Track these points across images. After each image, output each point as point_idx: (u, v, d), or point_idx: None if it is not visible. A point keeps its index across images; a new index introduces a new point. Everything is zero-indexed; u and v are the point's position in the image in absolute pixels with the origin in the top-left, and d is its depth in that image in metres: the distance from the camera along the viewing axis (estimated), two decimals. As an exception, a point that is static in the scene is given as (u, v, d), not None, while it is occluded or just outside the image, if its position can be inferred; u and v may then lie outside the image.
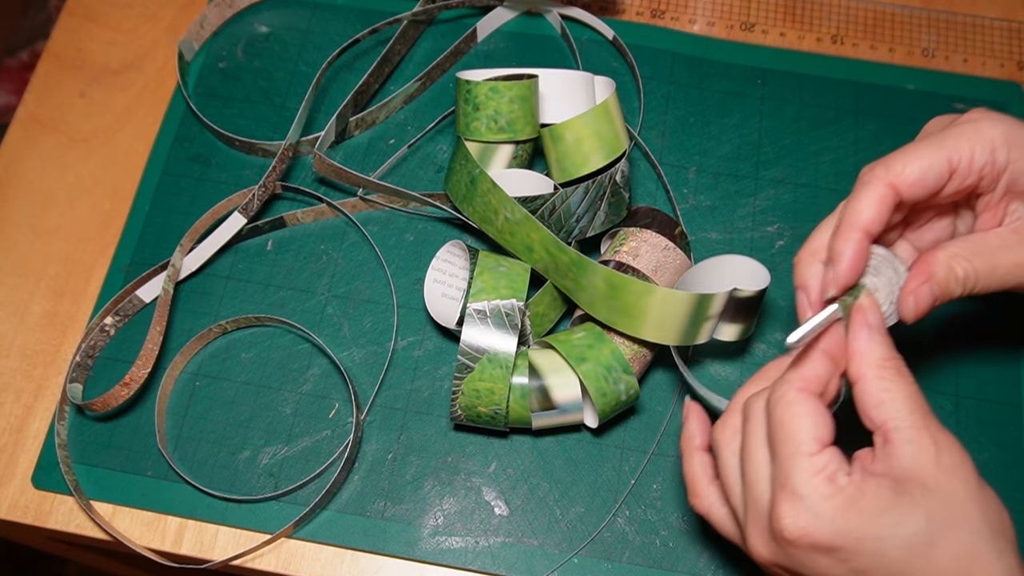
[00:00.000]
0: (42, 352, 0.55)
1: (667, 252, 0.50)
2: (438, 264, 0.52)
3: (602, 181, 0.50)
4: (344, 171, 0.55)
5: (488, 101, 0.51)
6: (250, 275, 0.56)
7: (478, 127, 0.52)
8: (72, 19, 0.65)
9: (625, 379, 0.47)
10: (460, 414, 0.48)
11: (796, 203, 0.58)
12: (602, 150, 0.52)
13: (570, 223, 0.50)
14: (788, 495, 0.36)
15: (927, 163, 0.39)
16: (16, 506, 0.51)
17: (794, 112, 0.61)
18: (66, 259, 0.57)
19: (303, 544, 0.50)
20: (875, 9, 0.65)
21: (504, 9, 0.63)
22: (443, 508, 0.51)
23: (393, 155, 0.59)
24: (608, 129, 0.52)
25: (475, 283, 0.48)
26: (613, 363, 0.47)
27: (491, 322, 0.47)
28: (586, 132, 0.51)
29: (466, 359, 0.47)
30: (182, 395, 0.53)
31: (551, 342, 0.49)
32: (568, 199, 0.50)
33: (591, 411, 0.50)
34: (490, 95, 0.51)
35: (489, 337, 0.47)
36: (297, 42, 0.63)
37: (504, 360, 0.47)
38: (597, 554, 0.49)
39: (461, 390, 0.47)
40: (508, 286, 0.48)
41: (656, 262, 0.50)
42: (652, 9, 0.65)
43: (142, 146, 0.61)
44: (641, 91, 0.60)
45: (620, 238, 0.52)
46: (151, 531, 0.51)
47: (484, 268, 0.49)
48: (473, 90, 0.51)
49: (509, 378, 0.47)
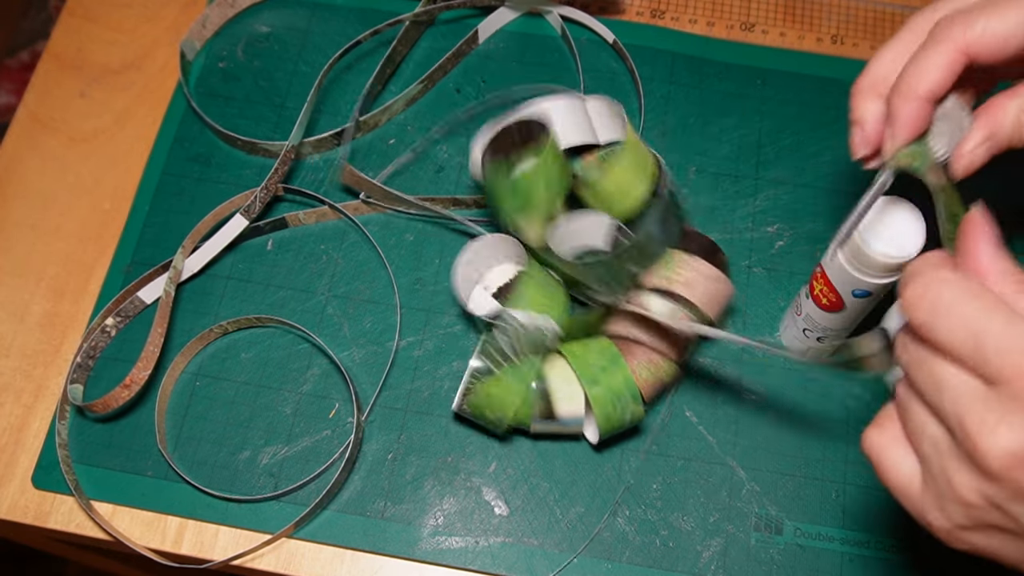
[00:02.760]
0: (42, 352, 0.55)
1: (719, 284, 0.49)
2: (476, 246, 0.50)
3: (664, 201, 0.48)
4: (370, 183, 0.55)
5: (533, 188, 0.48)
6: (250, 275, 0.56)
7: (543, 200, 0.48)
8: (72, 19, 0.65)
9: (632, 408, 0.47)
10: (467, 410, 0.48)
11: (796, 203, 0.58)
12: (642, 179, 0.50)
13: (653, 251, 0.49)
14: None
15: (1013, 23, 0.34)
16: (16, 506, 0.51)
17: (794, 112, 0.61)
18: (66, 259, 0.58)
19: (303, 544, 0.50)
20: (875, 9, 0.65)
21: (505, 10, 0.63)
22: (443, 508, 0.51)
23: (395, 158, 0.59)
24: (639, 158, 0.50)
25: (518, 291, 0.47)
26: (624, 391, 0.47)
27: (524, 336, 0.47)
28: (623, 176, 0.50)
29: (490, 362, 0.47)
30: (182, 395, 0.53)
31: (565, 352, 0.48)
32: (648, 231, 0.48)
33: (592, 427, 0.50)
34: (537, 171, 0.47)
35: (518, 349, 0.47)
36: (297, 42, 0.63)
37: (526, 375, 0.47)
38: (597, 554, 0.49)
39: (475, 390, 0.47)
40: (550, 306, 0.48)
41: (710, 295, 0.49)
42: (652, 9, 0.65)
43: (142, 146, 0.61)
44: (641, 94, 0.60)
45: (671, 264, 0.49)
46: (151, 531, 0.51)
47: (530, 278, 0.48)
48: (523, 180, 0.47)
49: (525, 394, 0.47)
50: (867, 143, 0.39)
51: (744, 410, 0.53)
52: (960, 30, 0.35)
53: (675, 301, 0.48)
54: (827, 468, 0.51)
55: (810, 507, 0.50)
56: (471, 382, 0.47)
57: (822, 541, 0.50)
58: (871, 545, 0.50)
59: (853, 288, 0.44)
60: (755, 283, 0.56)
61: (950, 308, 0.30)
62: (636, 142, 0.50)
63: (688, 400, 0.53)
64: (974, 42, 0.35)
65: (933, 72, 0.36)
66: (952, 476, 0.30)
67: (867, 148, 0.39)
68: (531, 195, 0.47)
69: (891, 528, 0.50)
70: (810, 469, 0.51)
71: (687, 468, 0.51)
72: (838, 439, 0.52)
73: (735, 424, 0.52)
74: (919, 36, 0.38)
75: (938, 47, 0.35)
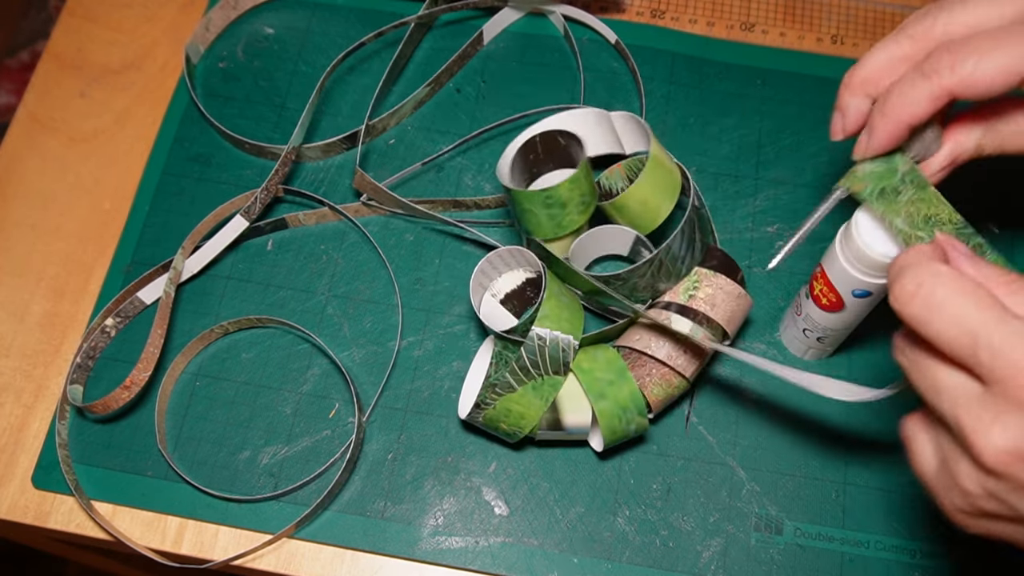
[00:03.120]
0: (42, 352, 0.55)
1: (740, 300, 0.49)
2: (493, 258, 0.50)
3: (691, 216, 0.48)
4: (383, 191, 0.55)
5: (572, 194, 0.47)
6: (250, 275, 0.56)
7: (572, 220, 0.48)
8: (72, 19, 0.65)
9: (637, 420, 0.47)
10: (479, 421, 0.48)
11: (796, 204, 0.58)
12: (667, 196, 0.49)
13: (677, 267, 0.48)
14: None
15: (1006, 63, 0.34)
16: (16, 506, 0.51)
17: (794, 112, 0.61)
18: (66, 259, 0.57)
19: (303, 544, 0.50)
20: (875, 9, 0.65)
21: (509, 10, 0.63)
22: (443, 508, 0.51)
23: (395, 158, 0.59)
24: (665, 176, 0.49)
25: (543, 307, 0.47)
26: (630, 405, 0.47)
27: (548, 352, 0.46)
28: (648, 191, 0.49)
29: (513, 379, 0.46)
30: (182, 395, 0.53)
31: (573, 366, 0.48)
32: (671, 249, 0.47)
33: (597, 437, 0.50)
34: (571, 188, 0.47)
35: (541, 366, 0.47)
36: (297, 42, 0.63)
37: (548, 393, 0.47)
38: (597, 554, 0.49)
39: (494, 405, 0.47)
40: (569, 320, 0.47)
41: (730, 312, 0.48)
42: (652, 9, 0.65)
43: (142, 146, 0.61)
44: (642, 93, 0.60)
45: (692, 280, 0.49)
46: (151, 531, 0.51)
47: (551, 294, 0.48)
48: (554, 196, 0.47)
49: (544, 411, 0.47)
50: (845, 133, 0.41)
51: (744, 410, 0.53)
52: (949, 69, 0.36)
53: (696, 318, 0.48)
54: (827, 468, 0.51)
55: (810, 507, 0.50)
56: (493, 396, 0.47)
57: (822, 541, 0.50)
58: (871, 545, 0.50)
59: (853, 288, 0.44)
60: (755, 283, 0.56)
61: (943, 305, 0.31)
62: (662, 157, 0.50)
63: (688, 400, 0.53)
64: (962, 81, 0.35)
65: (917, 105, 0.37)
66: (955, 468, 0.31)
67: (844, 136, 0.41)
68: (564, 208, 0.47)
69: (891, 528, 0.50)
70: (810, 469, 0.51)
71: (687, 468, 0.51)
72: (838, 439, 0.52)
73: (735, 424, 0.52)
74: (915, 44, 0.39)
75: (927, 81, 0.36)
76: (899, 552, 0.49)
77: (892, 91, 0.38)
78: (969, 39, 0.35)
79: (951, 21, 0.37)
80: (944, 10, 0.38)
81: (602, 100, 0.61)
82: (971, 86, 0.35)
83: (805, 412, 0.53)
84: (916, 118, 0.37)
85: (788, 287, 0.56)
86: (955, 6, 0.37)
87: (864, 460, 0.52)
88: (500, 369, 0.47)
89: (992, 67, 0.34)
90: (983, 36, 0.35)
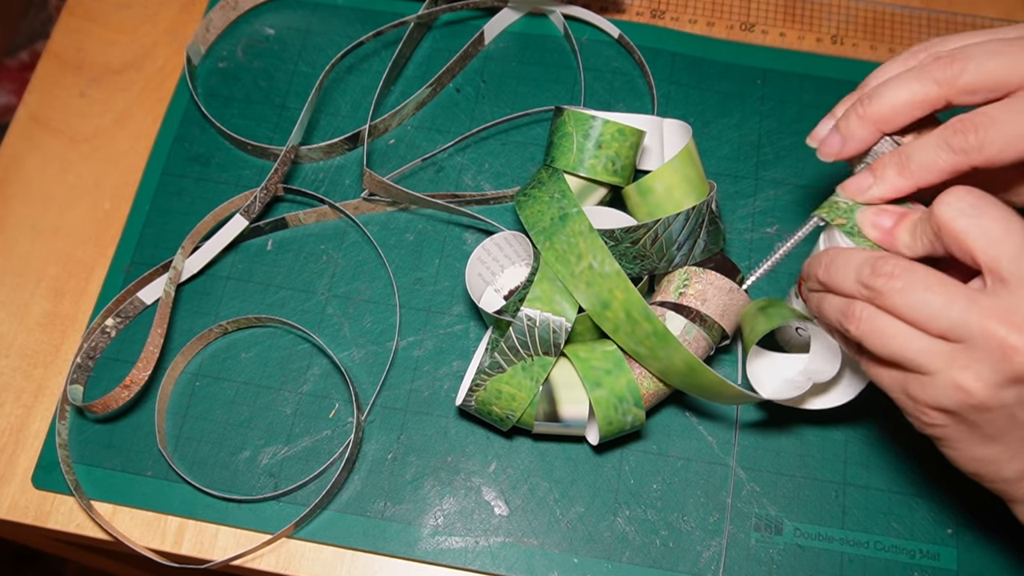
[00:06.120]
0: (42, 352, 0.55)
1: (732, 295, 0.49)
2: (489, 245, 0.50)
3: (701, 208, 0.48)
4: (394, 187, 0.55)
5: (612, 142, 0.48)
6: (250, 275, 0.56)
7: (595, 165, 0.49)
8: (72, 19, 0.65)
9: (634, 411, 0.47)
10: (472, 405, 0.48)
11: (796, 204, 0.58)
12: (692, 194, 0.49)
13: (671, 251, 0.48)
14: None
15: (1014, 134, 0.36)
16: (16, 506, 0.51)
17: (794, 112, 0.61)
18: (66, 259, 0.58)
19: (303, 544, 0.50)
20: (875, 9, 0.65)
21: (509, 10, 0.63)
22: (443, 508, 0.51)
23: (396, 157, 0.59)
24: (695, 172, 0.50)
25: (533, 288, 0.47)
26: (626, 394, 0.47)
27: (538, 332, 0.46)
28: (675, 179, 0.49)
29: (502, 359, 0.47)
30: (182, 395, 0.53)
31: (570, 355, 0.48)
32: (670, 226, 0.48)
33: (594, 429, 0.50)
34: (616, 136, 0.48)
35: (530, 347, 0.47)
36: (297, 42, 0.63)
37: (537, 374, 0.47)
38: (597, 554, 0.49)
39: (485, 386, 0.47)
40: (562, 301, 0.47)
41: (723, 306, 0.48)
42: (652, 9, 0.65)
43: (142, 146, 0.61)
44: (653, 87, 0.60)
45: (682, 278, 0.49)
46: (151, 531, 0.51)
47: (544, 276, 0.48)
48: (598, 127, 0.48)
49: (535, 392, 0.47)
50: (838, 158, 0.41)
51: (744, 410, 0.53)
52: (977, 150, 0.37)
53: (688, 315, 0.48)
54: (827, 468, 0.51)
55: (810, 507, 0.50)
56: (482, 377, 0.47)
57: (822, 541, 0.50)
58: (871, 545, 0.50)
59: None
60: (754, 283, 0.56)
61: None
62: (695, 155, 0.50)
63: (688, 400, 0.53)
64: (988, 160, 0.37)
65: (938, 174, 0.38)
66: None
67: (835, 159, 0.41)
68: (599, 149, 0.49)
69: (891, 528, 0.50)
70: (810, 469, 0.51)
71: (687, 468, 0.51)
72: (838, 439, 0.52)
73: (735, 424, 0.52)
74: (940, 90, 0.39)
75: (952, 156, 0.37)
76: (899, 552, 0.49)
77: (915, 154, 0.38)
78: (995, 117, 0.36)
79: (979, 71, 0.38)
80: (972, 60, 0.38)
81: (603, 100, 0.61)
82: (996, 163, 0.37)
83: (805, 412, 0.53)
84: (931, 183, 0.38)
85: (788, 287, 0.56)
86: (982, 56, 0.37)
87: (864, 460, 0.52)
88: (492, 351, 0.47)
89: (1001, 138, 0.36)
90: (1010, 113, 0.36)
